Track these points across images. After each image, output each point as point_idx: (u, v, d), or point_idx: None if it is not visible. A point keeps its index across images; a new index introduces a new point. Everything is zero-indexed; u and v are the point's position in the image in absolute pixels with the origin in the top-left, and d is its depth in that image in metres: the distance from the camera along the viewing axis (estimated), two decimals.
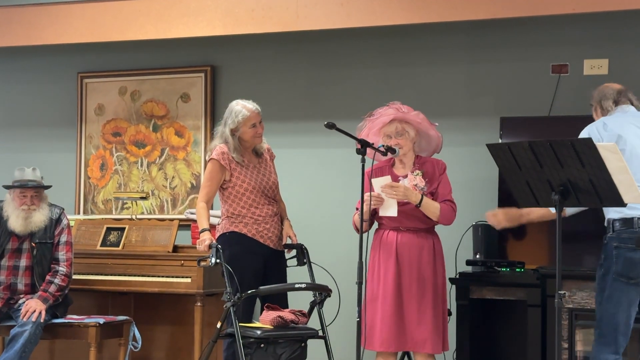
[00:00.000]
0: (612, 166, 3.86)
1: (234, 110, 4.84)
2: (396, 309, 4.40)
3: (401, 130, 4.48)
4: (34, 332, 5.18)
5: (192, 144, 6.44)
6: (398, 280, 4.42)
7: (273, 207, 4.90)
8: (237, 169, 4.83)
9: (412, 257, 4.43)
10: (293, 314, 4.52)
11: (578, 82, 5.55)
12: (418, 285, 4.41)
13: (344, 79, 6.08)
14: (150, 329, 6.01)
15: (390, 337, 4.39)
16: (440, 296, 4.46)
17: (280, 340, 4.41)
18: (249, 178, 4.84)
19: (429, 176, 4.49)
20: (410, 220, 4.46)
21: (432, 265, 4.45)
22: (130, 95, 6.61)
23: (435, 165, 4.54)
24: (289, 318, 4.48)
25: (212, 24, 5.90)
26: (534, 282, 5.06)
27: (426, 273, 4.42)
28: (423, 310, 4.38)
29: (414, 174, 4.49)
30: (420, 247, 4.44)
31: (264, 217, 4.85)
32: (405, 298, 4.40)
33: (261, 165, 4.92)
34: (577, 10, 5.17)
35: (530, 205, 4.27)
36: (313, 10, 5.66)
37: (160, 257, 5.86)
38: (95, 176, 6.68)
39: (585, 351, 5.06)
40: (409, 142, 4.50)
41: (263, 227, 4.84)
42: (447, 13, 5.39)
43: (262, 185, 4.86)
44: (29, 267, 5.45)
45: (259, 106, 4.90)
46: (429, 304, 4.40)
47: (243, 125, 4.81)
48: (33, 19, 6.26)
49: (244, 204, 4.83)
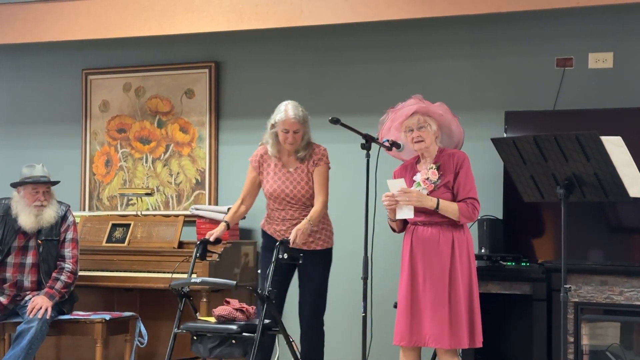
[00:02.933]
0: (617, 159, 3.86)
1: (278, 108, 4.98)
2: (412, 303, 4.36)
3: (423, 122, 4.42)
4: (40, 328, 5.19)
5: (197, 140, 6.44)
6: (414, 274, 4.38)
7: (295, 212, 4.96)
8: (267, 171, 5.01)
9: (427, 251, 4.36)
10: (240, 310, 4.65)
11: (583, 76, 5.54)
12: (432, 279, 4.32)
13: (348, 74, 6.08)
14: (156, 324, 6.02)
15: (405, 331, 4.35)
16: (462, 291, 4.32)
17: (208, 334, 4.59)
18: (270, 184, 4.99)
19: (444, 169, 4.41)
20: (428, 215, 4.38)
21: (451, 259, 4.33)
22: (135, 92, 6.61)
23: (453, 157, 4.43)
24: (229, 314, 4.62)
25: (216, 19, 5.90)
26: (539, 276, 5.05)
27: (444, 267, 4.32)
28: (438, 305, 4.29)
29: (427, 168, 4.43)
30: (436, 241, 4.36)
31: (282, 219, 4.97)
32: (421, 292, 4.35)
33: (296, 171, 4.97)
34: (582, 4, 5.16)
35: (535, 199, 4.26)
36: (317, 5, 5.66)
37: (166, 253, 5.87)
38: (100, 173, 6.69)
39: (591, 345, 5.06)
40: (431, 135, 4.43)
41: (280, 227, 4.97)
42: (451, 7, 5.38)
43: (282, 192, 4.95)
44: (35, 264, 5.46)
45: (301, 114, 4.90)
46: (445, 298, 4.29)
47: (278, 126, 4.93)
48: (38, 16, 6.27)
49: (269, 204, 5.04)
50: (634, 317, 4.93)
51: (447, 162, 4.42)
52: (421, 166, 4.48)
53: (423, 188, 4.38)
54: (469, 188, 4.39)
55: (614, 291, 4.89)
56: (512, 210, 5.29)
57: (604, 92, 5.46)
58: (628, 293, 4.87)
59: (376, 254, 4.51)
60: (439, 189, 4.38)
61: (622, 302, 4.87)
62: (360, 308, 4.25)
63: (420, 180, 4.40)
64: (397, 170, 4.56)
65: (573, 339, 4.93)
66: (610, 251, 5.14)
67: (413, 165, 4.52)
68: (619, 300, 4.88)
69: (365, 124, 4.75)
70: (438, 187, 4.38)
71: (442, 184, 4.39)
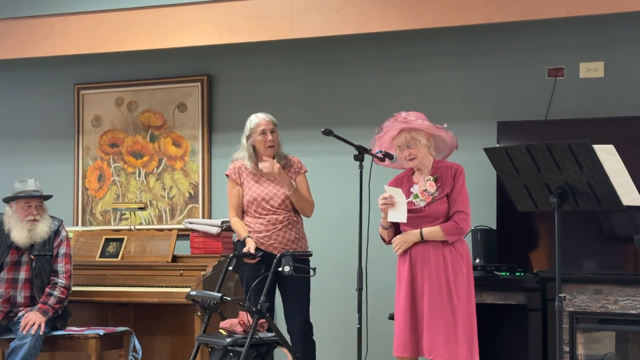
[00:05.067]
0: (609, 168, 3.86)
1: (248, 119, 5.08)
2: (411, 314, 4.35)
3: (410, 140, 4.41)
4: (33, 344, 5.16)
5: (190, 154, 6.43)
6: (412, 285, 4.36)
7: (278, 216, 4.96)
8: (247, 181, 5.04)
9: (424, 262, 4.35)
10: (240, 323, 4.68)
11: (574, 85, 5.55)
12: (431, 291, 4.31)
13: (340, 86, 6.09)
14: (151, 339, 6.00)
15: (405, 343, 4.34)
16: (462, 303, 4.30)
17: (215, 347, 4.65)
18: (253, 190, 5.01)
19: (442, 180, 4.40)
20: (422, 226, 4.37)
21: (449, 271, 4.32)
22: (127, 106, 6.61)
23: (450, 169, 4.43)
24: (230, 327, 4.68)
25: (207, 33, 5.91)
26: (534, 286, 5.05)
27: (443, 279, 4.31)
28: (432, 316, 4.29)
29: (425, 180, 4.42)
30: (434, 253, 4.34)
31: (265, 226, 4.94)
32: (419, 304, 4.34)
33: (275, 179, 4.99)
34: (572, 14, 5.18)
35: (529, 208, 4.26)
36: (308, 17, 5.67)
37: (160, 267, 5.85)
38: (93, 187, 6.67)
39: (587, 355, 5.05)
40: (423, 148, 4.43)
41: (264, 235, 4.93)
42: (442, 19, 5.40)
43: (266, 196, 4.96)
44: (28, 279, 5.43)
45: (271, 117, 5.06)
46: (438, 310, 4.29)
47: (254, 133, 5.02)
48: (29, 31, 6.27)
49: (249, 213, 5.02)
50: (628, 326, 4.93)
51: (445, 174, 4.42)
52: (417, 178, 4.48)
53: (421, 200, 4.38)
54: (459, 201, 4.38)
55: (608, 300, 4.89)
56: (505, 220, 5.29)
57: (596, 101, 5.48)
58: (623, 302, 4.87)
59: (370, 265, 4.50)
60: (437, 200, 4.38)
61: (617, 311, 4.87)
62: (355, 320, 4.23)
63: (418, 192, 4.40)
64: (391, 182, 4.55)
65: (568, 348, 4.92)
66: (605, 260, 5.14)
67: (409, 177, 4.51)
68: (614, 309, 4.87)
69: (357, 135, 4.75)
70: (436, 199, 4.38)
71: (441, 196, 4.38)
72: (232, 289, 5.80)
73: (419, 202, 4.38)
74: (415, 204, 4.39)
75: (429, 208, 4.36)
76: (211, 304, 4.73)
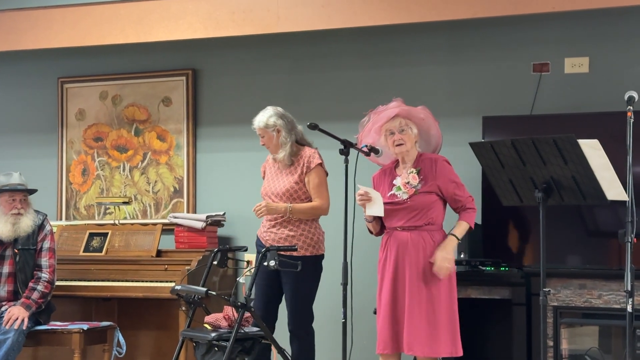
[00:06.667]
0: (594, 163, 3.87)
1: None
2: (393, 310, 4.32)
3: (404, 125, 4.40)
4: (16, 339, 5.13)
5: (175, 148, 6.41)
6: (394, 280, 4.34)
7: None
8: (267, 175, 5.09)
9: (405, 256, 4.32)
10: (225, 318, 4.70)
11: (559, 81, 5.57)
12: (412, 285, 4.28)
13: (325, 81, 6.08)
14: (135, 334, 5.98)
15: (387, 340, 4.32)
16: (443, 297, 4.28)
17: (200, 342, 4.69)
18: (264, 185, 5.05)
19: (425, 174, 4.38)
20: (407, 219, 4.35)
21: (425, 263, 4.28)
22: (112, 100, 6.58)
23: (435, 163, 4.40)
24: (215, 322, 4.71)
25: (192, 27, 5.88)
26: (518, 280, 5.07)
27: (423, 272, 4.29)
28: (412, 310, 4.25)
29: (408, 172, 4.40)
30: (415, 246, 4.32)
31: (268, 220, 4.96)
32: (400, 299, 4.32)
33: (283, 173, 4.98)
34: (557, 9, 5.19)
35: (514, 203, 4.27)
36: (294, 11, 5.65)
37: (144, 261, 5.83)
38: (77, 182, 6.64)
39: (570, 349, 5.07)
40: (412, 138, 4.42)
41: (266, 229, 4.97)
42: (428, 13, 5.40)
43: (269, 191, 4.97)
44: (11, 273, 5.40)
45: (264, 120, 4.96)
46: (418, 304, 4.26)
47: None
48: (12, 24, 6.22)
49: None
50: (612, 321, 4.95)
51: (428, 167, 4.40)
52: (400, 170, 4.47)
53: (404, 192, 4.37)
54: (462, 189, 4.41)
55: (592, 295, 4.91)
56: (490, 215, 5.29)
57: (580, 96, 5.49)
58: (607, 297, 4.89)
59: (356, 259, 4.50)
60: (419, 193, 4.36)
61: (601, 305, 4.89)
62: (340, 314, 4.23)
63: (401, 184, 4.38)
64: (376, 175, 4.55)
65: (552, 342, 4.94)
66: (589, 255, 5.16)
67: (392, 170, 4.51)
68: (598, 304, 4.89)
69: (343, 129, 4.74)
70: (419, 192, 4.36)
71: (424, 190, 4.35)
72: (217, 283, 5.79)
73: (402, 195, 4.37)
74: (398, 196, 4.38)
75: (411, 200, 4.35)
76: (196, 299, 4.72)
